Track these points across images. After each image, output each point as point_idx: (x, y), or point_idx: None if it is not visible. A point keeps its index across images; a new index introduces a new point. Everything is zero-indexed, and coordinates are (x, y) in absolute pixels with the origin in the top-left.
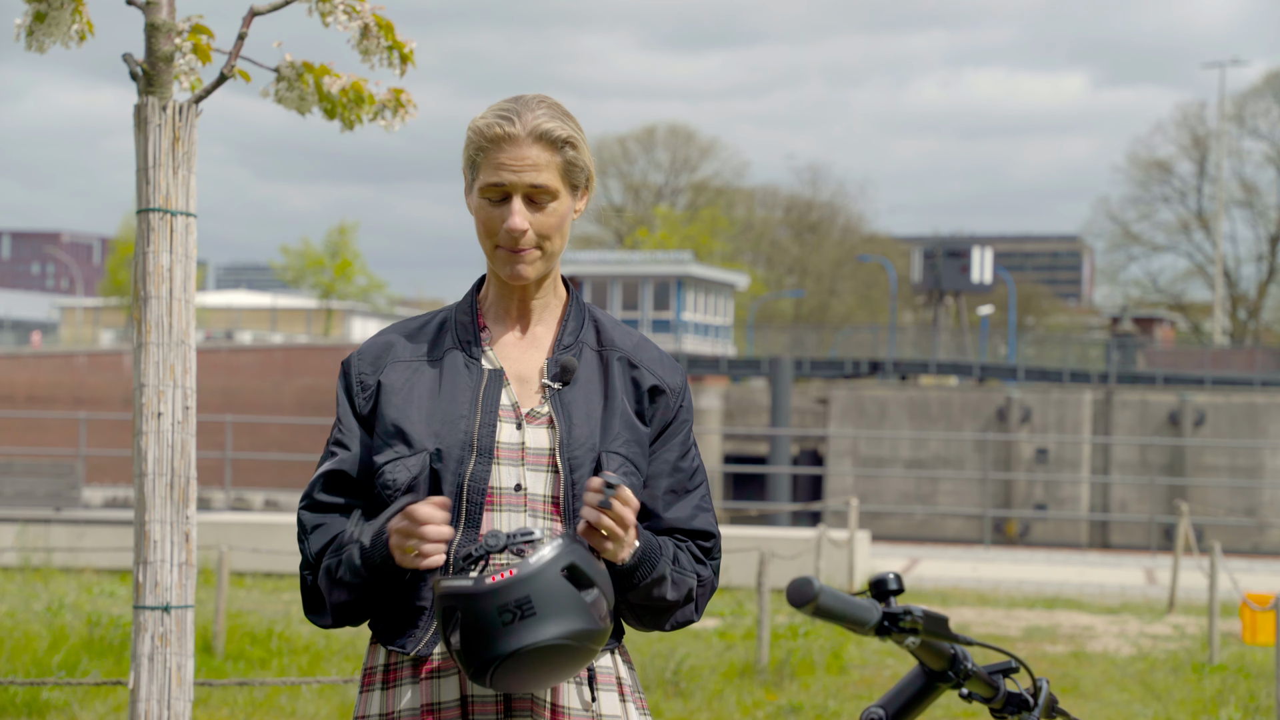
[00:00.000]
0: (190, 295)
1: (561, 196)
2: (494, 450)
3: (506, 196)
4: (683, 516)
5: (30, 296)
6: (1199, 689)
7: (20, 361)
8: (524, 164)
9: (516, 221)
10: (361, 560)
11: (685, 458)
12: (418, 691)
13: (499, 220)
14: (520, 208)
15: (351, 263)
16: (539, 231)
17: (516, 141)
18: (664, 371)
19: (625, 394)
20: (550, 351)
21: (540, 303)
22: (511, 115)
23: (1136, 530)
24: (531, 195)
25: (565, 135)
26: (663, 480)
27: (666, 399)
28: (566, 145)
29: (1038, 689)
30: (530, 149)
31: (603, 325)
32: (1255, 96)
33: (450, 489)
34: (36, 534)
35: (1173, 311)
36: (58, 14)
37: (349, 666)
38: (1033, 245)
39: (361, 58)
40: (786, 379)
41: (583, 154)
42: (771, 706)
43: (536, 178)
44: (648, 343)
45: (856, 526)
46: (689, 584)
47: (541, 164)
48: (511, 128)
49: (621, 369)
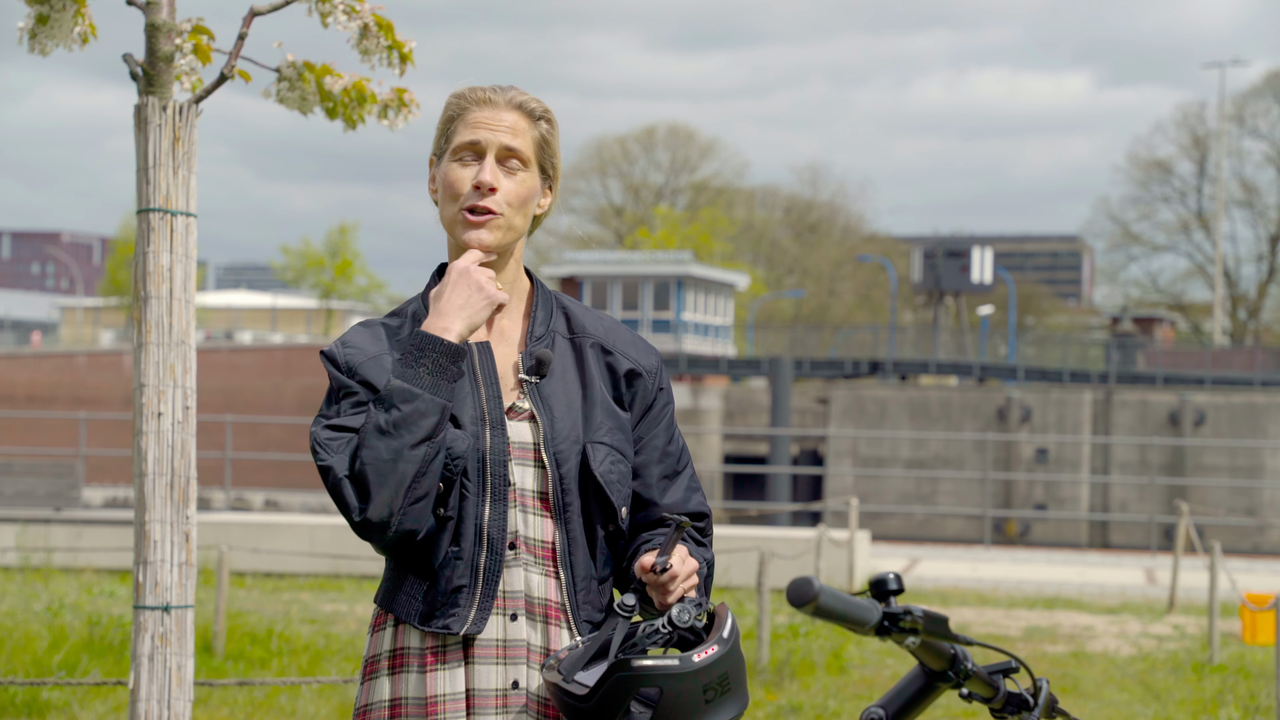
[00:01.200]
0: (190, 295)
1: (532, 168)
2: (504, 423)
3: (479, 157)
4: (678, 500)
5: (30, 296)
6: (1199, 689)
7: (20, 361)
8: (501, 124)
9: (486, 175)
10: (401, 377)
11: (672, 441)
12: (422, 681)
13: (468, 179)
14: (492, 164)
15: (351, 263)
16: (506, 197)
17: (495, 105)
18: (639, 354)
19: (603, 381)
20: (522, 344)
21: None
22: (494, 87)
23: (1136, 530)
24: (504, 158)
25: (542, 110)
26: (654, 467)
27: (644, 381)
28: (543, 120)
29: (1038, 689)
30: (508, 113)
31: (572, 312)
32: (1255, 96)
33: (473, 463)
34: (36, 534)
35: (1173, 311)
36: (60, 16)
37: (349, 666)
38: (1033, 245)
39: (361, 57)
40: (786, 379)
41: (555, 138)
42: (771, 706)
43: (512, 140)
44: (620, 326)
45: (856, 526)
46: (703, 573)
47: (518, 129)
48: (493, 95)
49: (596, 356)
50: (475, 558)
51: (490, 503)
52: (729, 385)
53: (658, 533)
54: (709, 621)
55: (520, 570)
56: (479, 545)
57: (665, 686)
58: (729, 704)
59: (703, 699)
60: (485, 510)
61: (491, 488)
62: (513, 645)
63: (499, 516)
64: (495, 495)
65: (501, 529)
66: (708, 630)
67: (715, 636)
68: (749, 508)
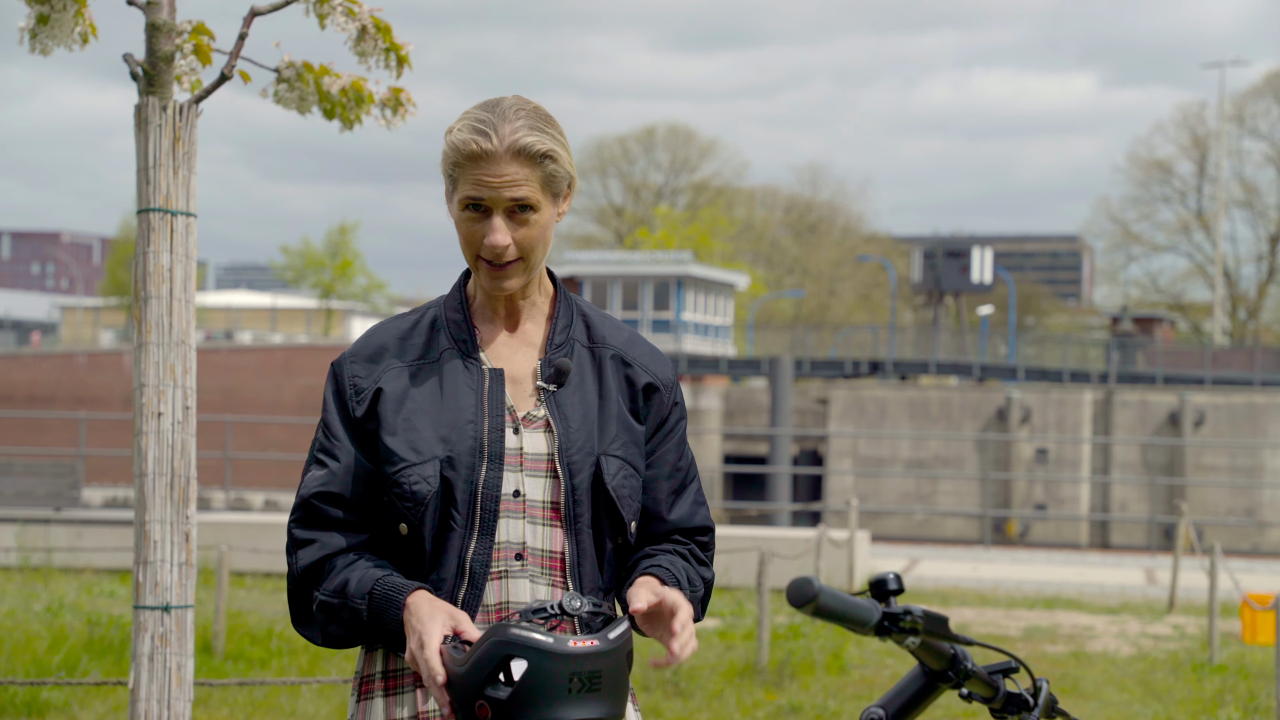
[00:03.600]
0: (190, 295)
1: (543, 208)
2: (503, 455)
3: (487, 212)
4: (684, 515)
5: (30, 296)
6: (1199, 689)
7: (20, 361)
8: (503, 180)
9: (498, 239)
10: (369, 618)
11: (682, 457)
12: (416, 700)
13: (480, 235)
14: (501, 224)
15: (351, 263)
16: (521, 246)
17: (494, 159)
18: (657, 368)
19: (620, 393)
20: (542, 351)
21: (527, 301)
22: (488, 130)
23: (1136, 530)
24: (512, 210)
25: (545, 149)
26: (664, 482)
27: (661, 396)
28: (546, 159)
29: (1038, 689)
30: (509, 166)
31: (592, 321)
32: (1255, 96)
33: (463, 496)
34: (36, 534)
35: (1173, 311)
36: (60, 16)
37: (349, 667)
38: (1033, 245)
39: (358, 59)
40: (786, 379)
41: (563, 164)
42: (771, 706)
43: (516, 192)
44: (638, 338)
45: (856, 526)
46: (699, 596)
47: (520, 179)
48: (488, 144)
49: (615, 367)
50: (455, 590)
51: (478, 537)
52: (729, 385)
53: (661, 548)
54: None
55: (526, 581)
56: (460, 578)
57: (531, 661)
58: (593, 704)
59: (566, 687)
60: (471, 544)
61: (481, 522)
62: None
63: (484, 551)
64: (484, 529)
65: (485, 564)
66: None
67: (601, 633)
68: (749, 508)
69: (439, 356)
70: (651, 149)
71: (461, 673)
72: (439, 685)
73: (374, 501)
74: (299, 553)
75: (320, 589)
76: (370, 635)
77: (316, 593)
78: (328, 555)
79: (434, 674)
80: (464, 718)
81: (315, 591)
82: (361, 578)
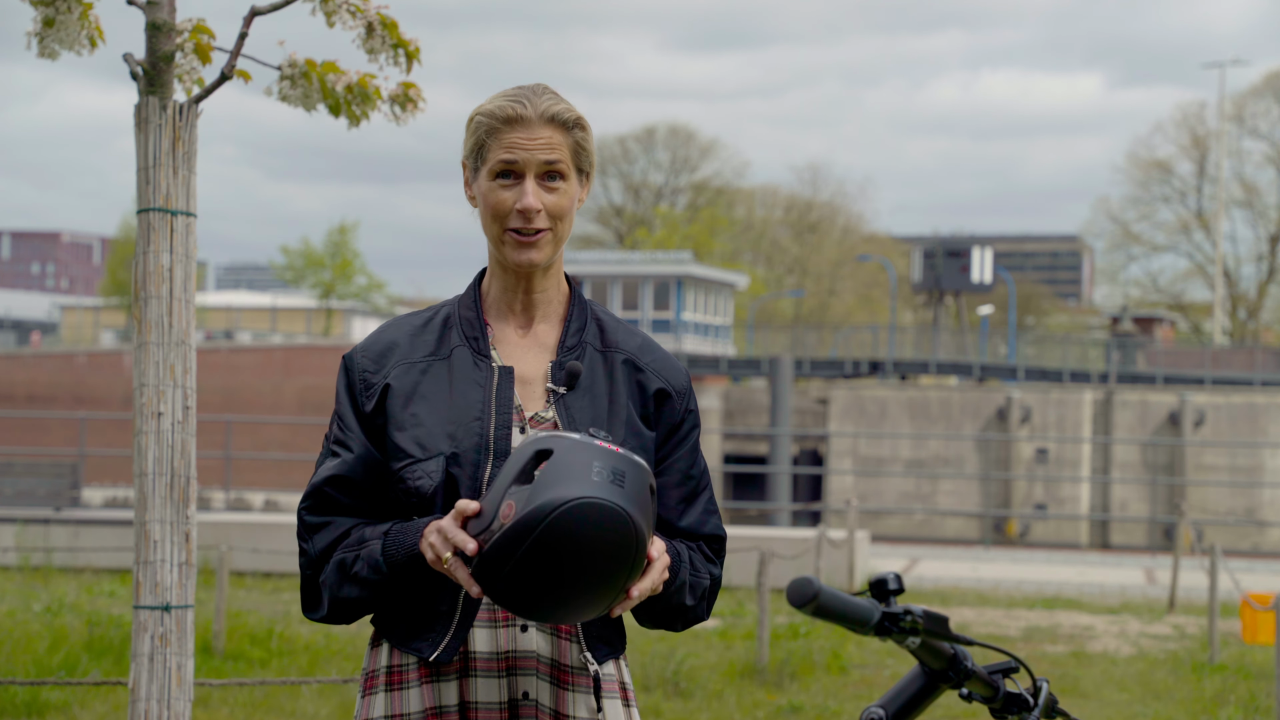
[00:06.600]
0: (190, 295)
1: (571, 178)
2: (509, 454)
3: (519, 177)
4: (694, 523)
5: (30, 296)
6: (1199, 689)
7: (20, 361)
8: (537, 143)
9: (530, 200)
10: (384, 556)
11: (695, 465)
12: (422, 695)
13: (511, 201)
14: (534, 187)
15: (351, 262)
16: (551, 212)
17: (529, 123)
18: (669, 374)
19: (630, 398)
20: (554, 353)
21: (544, 297)
22: (522, 99)
23: (1136, 530)
24: (544, 174)
25: (575, 117)
26: (675, 490)
27: (673, 403)
28: (576, 126)
29: (1038, 689)
30: (543, 129)
31: (605, 325)
32: (1255, 96)
33: (467, 493)
34: (36, 534)
35: (1173, 311)
36: (66, 19)
37: (349, 666)
38: (1033, 245)
39: (368, 57)
40: (786, 379)
41: (589, 139)
42: (771, 706)
43: (550, 155)
44: (651, 344)
45: (856, 526)
46: (703, 585)
47: (555, 143)
48: (524, 110)
49: (626, 372)
50: (460, 586)
51: None
52: (729, 385)
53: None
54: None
55: None
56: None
57: (560, 449)
58: (618, 494)
59: (592, 473)
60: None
61: None
62: (521, 657)
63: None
64: None
65: None
66: None
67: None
68: (749, 508)
69: (449, 353)
70: (651, 149)
71: (494, 476)
72: (470, 547)
73: (385, 492)
74: (313, 537)
75: (335, 553)
76: (382, 589)
77: (332, 557)
78: (341, 536)
79: (464, 543)
80: (491, 553)
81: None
82: (376, 526)
